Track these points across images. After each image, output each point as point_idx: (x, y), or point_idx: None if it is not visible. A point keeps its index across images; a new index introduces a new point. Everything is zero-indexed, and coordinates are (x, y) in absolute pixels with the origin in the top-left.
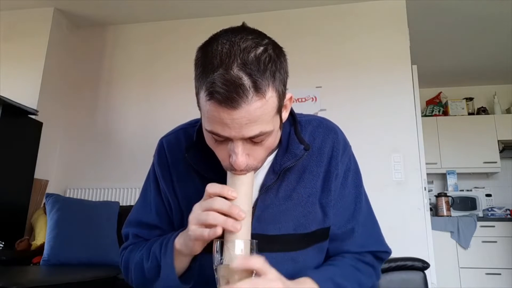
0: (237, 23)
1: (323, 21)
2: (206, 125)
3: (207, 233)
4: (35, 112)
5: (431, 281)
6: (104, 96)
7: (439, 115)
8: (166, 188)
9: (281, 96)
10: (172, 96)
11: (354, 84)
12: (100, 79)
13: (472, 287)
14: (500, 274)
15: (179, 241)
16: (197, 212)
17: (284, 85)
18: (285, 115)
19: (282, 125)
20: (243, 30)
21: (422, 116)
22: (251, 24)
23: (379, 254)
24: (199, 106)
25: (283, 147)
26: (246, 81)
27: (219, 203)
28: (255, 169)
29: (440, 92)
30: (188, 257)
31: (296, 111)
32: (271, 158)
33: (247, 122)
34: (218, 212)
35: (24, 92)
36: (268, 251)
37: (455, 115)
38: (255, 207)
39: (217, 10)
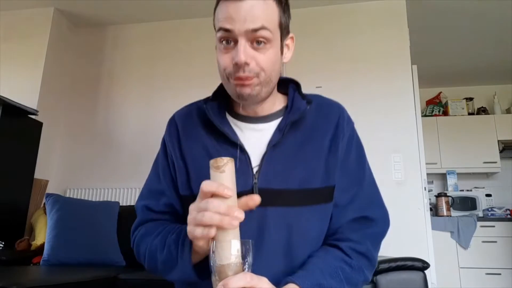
0: None
1: (323, 21)
2: (217, 27)
3: (200, 232)
4: (35, 112)
5: (431, 281)
6: (104, 96)
7: (439, 115)
8: (172, 151)
9: (283, 20)
10: (172, 96)
11: (354, 84)
12: (100, 79)
13: (472, 287)
14: (500, 274)
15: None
16: (193, 214)
17: (286, 16)
18: (288, 54)
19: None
20: None
21: (422, 116)
22: None
23: (376, 229)
24: (215, 22)
25: (289, 106)
26: None
27: (215, 205)
28: (259, 77)
29: (440, 92)
30: (204, 254)
31: None
32: (278, 120)
33: (250, 15)
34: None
35: (24, 92)
36: (272, 205)
37: (455, 115)
38: (261, 164)
39: None
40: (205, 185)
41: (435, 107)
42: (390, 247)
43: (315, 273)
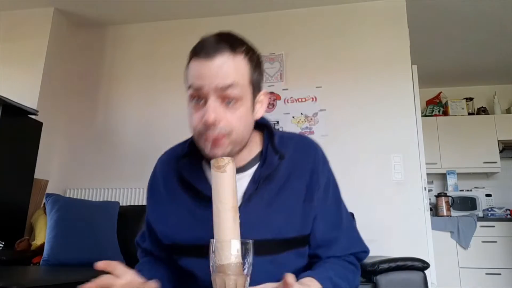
0: (237, 23)
1: (323, 21)
2: (187, 84)
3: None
4: (35, 112)
5: (431, 281)
6: (104, 96)
7: (439, 115)
8: (152, 211)
9: (253, 78)
10: (172, 96)
11: (354, 84)
12: (100, 79)
13: (472, 287)
14: (500, 274)
15: None
16: None
17: (257, 74)
18: (260, 110)
19: (259, 131)
20: (230, 33)
21: (422, 116)
22: (251, 24)
23: (359, 255)
24: (186, 80)
25: (263, 158)
26: (224, 43)
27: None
28: (230, 137)
29: (440, 92)
30: None
31: (296, 111)
32: (253, 169)
33: (220, 72)
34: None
35: (24, 92)
36: None
37: (455, 115)
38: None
39: (217, 10)
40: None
41: (435, 107)
42: (390, 247)
43: (323, 271)
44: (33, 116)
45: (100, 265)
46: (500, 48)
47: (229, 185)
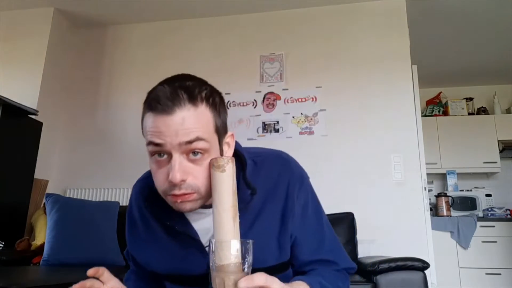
0: (237, 23)
1: (323, 21)
2: (146, 140)
3: None
4: (35, 112)
5: (431, 281)
6: (104, 96)
7: (439, 115)
8: (130, 241)
9: (218, 123)
10: None
11: (354, 84)
12: (100, 79)
13: (472, 287)
14: (500, 274)
15: None
16: None
17: (221, 116)
18: (229, 152)
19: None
20: (187, 75)
21: (422, 116)
22: (251, 24)
23: (347, 270)
24: (143, 132)
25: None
26: (181, 94)
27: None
28: (198, 192)
29: (440, 92)
30: None
31: (296, 111)
32: None
33: (182, 128)
34: None
35: (24, 92)
36: None
37: (455, 115)
38: None
39: (217, 10)
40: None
41: (435, 107)
42: (390, 247)
43: (314, 275)
44: (33, 116)
45: (90, 272)
46: (500, 48)
47: (229, 185)
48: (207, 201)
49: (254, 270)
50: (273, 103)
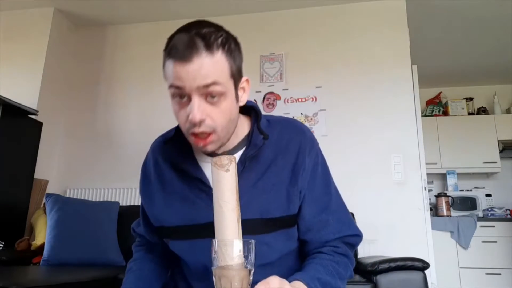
0: (237, 23)
1: (323, 21)
2: (168, 83)
3: None
4: (35, 112)
5: (431, 281)
6: (104, 96)
7: (439, 115)
8: (143, 194)
9: (234, 68)
10: None
11: (354, 84)
12: (100, 79)
13: (472, 287)
14: (500, 274)
15: None
16: None
17: (236, 61)
18: (244, 96)
19: (244, 117)
20: (202, 21)
21: (422, 116)
22: (251, 24)
23: (352, 239)
24: (165, 77)
25: (249, 140)
26: (198, 42)
27: None
28: (216, 132)
29: (440, 92)
30: None
31: (296, 111)
32: (241, 152)
33: (200, 74)
34: None
35: (24, 92)
36: None
37: (455, 115)
38: None
39: (217, 10)
40: None
41: (435, 107)
42: (390, 247)
43: (312, 270)
44: (33, 116)
45: None
46: (500, 48)
47: (232, 185)
48: (225, 144)
49: (261, 220)
50: (273, 103)
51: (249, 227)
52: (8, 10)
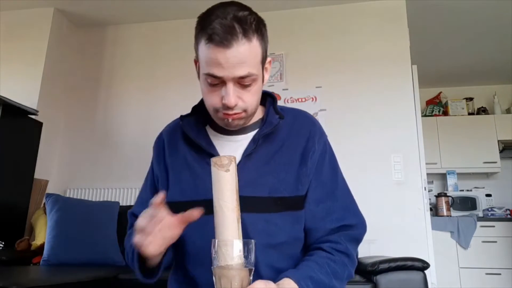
0: None
1: (323, 21)
2: (204, 70)
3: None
4: (35, 112)
5: (431, 281)
6: (104, 96)
7: (439, 115)
8: (157, 165)
9: (264, 52)
10: (172, 95)
11: (354, 84)
12: (100, 79)
13: (472, 287)
14: (500, 274)
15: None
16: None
17: (265, 44)
18: (266, 76)
19: (265, 99)
20: (233, 3)
21: (422, 116)
22: None
23: (355, 233)
24: (197, 58)
25: (264, 119)
26: (237, 27)
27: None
28: (246, 111)
29: (440, 92)
30: (156, 257)
31: None
32: (254, 132)
33: (238, 62)
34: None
35: (24, 92)
36: (244, 211)
37: (455, 115)
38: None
39: None
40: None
41: (435, 107)
42: (390, 247)
43: (305, 268)
44: (33, 116)
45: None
46: (500, 48)
47: (232, 185)
48: (249, 119)
49: (270, 199)
50: None
51: (258, 205)
52: (8, 10)
